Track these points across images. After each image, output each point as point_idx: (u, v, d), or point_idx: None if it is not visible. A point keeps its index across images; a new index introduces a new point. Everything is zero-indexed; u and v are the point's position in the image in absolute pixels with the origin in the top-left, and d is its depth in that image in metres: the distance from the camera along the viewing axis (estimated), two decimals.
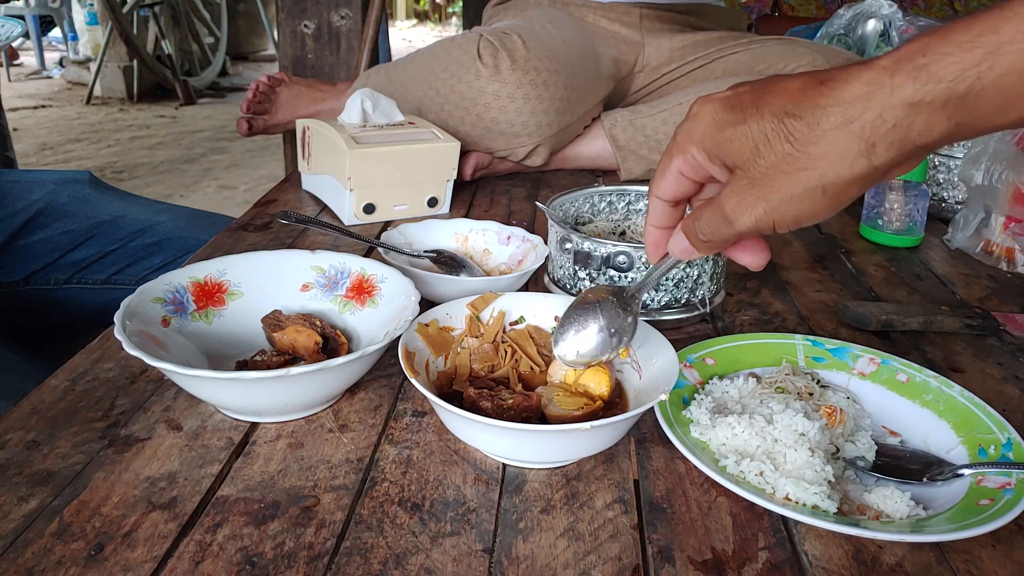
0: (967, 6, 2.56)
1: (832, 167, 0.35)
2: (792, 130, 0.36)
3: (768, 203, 0.38)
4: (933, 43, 0.33)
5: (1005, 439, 0.53)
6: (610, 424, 0.48)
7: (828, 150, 0.35)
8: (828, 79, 0.36)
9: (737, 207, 0.39)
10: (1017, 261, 0.94)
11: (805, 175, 0.36)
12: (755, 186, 0.38)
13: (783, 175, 0.37)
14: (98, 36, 4.79)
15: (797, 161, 0.36)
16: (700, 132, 0.40)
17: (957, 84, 0.32)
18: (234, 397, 0.54)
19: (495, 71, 1.07)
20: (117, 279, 1.00)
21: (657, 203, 0.46)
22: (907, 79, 0.33)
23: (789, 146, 0.36)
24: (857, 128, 0.34)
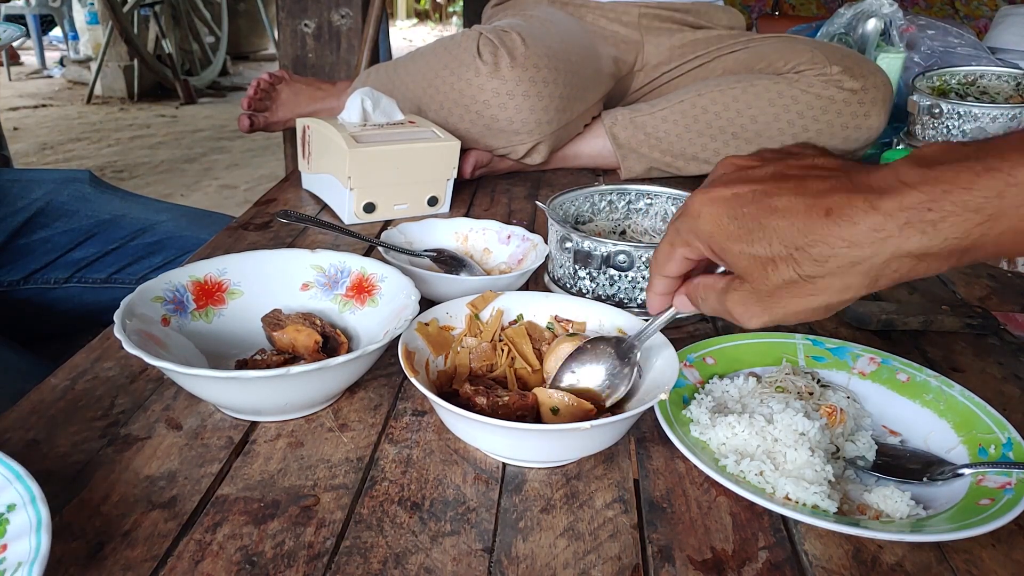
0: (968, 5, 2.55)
1: (837, 295, 0.38)
2: (801, 262, 0.38)
3: (771, 313, 0.41)
4: (937, 197, 0.34)
5: (1005, 439, 0.53)
6: (610, 424, 0.47)
7: (834, 283, 0.38)
8: (834, 211, 0.37)
9: (744, 314, 0.42)
10: (1017, 261, 0.93)
11: (811, 299, 0.39)
12: (761, 301, 0.41)
13: (790, 296, 0.39)
14: (99, 35, 4.79)
15: (804, 288, 0.39)
16: (706, 233, 0.42)
17: (962, 241, 0.34)
18: (234, 396, 0.54)
19: (495, 68, 1.07)
20: (117, 278, 1.00)
21: (660, 280, 0.49)
22: (915, 233, 0.35)
23: (797, 276, 0.38)
24: (864, 268, 0.37)
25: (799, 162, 0.41)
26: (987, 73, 1.31)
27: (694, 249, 0.44)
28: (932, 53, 1.50)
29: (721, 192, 0.41)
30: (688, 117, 1.18)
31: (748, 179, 0.41)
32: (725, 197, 0.41)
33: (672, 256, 0.46)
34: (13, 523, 0.40)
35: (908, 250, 0.35)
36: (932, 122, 1.23)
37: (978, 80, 1.32)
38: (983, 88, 1.31)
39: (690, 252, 0.45)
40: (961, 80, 1.32)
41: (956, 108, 1.18)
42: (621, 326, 0.61)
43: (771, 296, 0.40)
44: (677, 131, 1.18)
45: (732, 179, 0.42)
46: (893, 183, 0.36)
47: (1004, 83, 1.30)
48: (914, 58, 1.50)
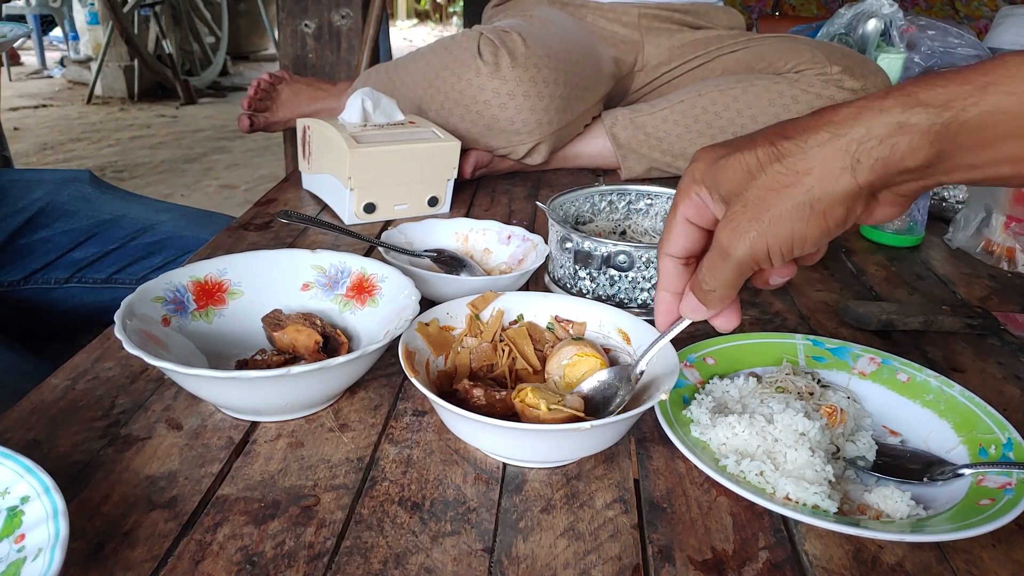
0: (968, 6, 2.55)
1: (819, 181, 0.37)
2: (782, 150, 0.37)
3: (760, 224, 0.38)
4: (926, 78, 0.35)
5: (1005, 439, 0.53)
6: (610, 424, 0.47)
7: (814, 165, 0.37)
8: (822, 109, 0.38)
9: (732, 234, 0.40)
10: (1018, 261, 0.93)
11: (793, 191, 0.37)
12: (747, 209, 0.39)
13: (772, 192, 0.38)
14: (99, 35, 4.79)
15: (785, 178, 0.37)
16: (700, 171, 0.42)
17: (943, 111, 0.34)
18: (234, 396, 0.54)
19: (495, 68, 1.07)
20: (117, 278, 1.00)
21: (668, 263, 0.46)
22: (895, 103, 0.35)
23: (779, 164, 0.37)
24: (843, 143, 0.36)
25: None
26: None
27: (691, 199, 0.43)
28: (932, 54, 1.50)
29: (715, 145, 0.43)
30: (688, 117, 1.18)
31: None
32: (722, 142, 0.42)
33: (673, 222, 0.44)
34: (29, 513, 0.41)
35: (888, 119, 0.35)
36: None
37: None
38: None
39: (688, 207, 0.43)
40: None
41: None
42: (621, 326, 0.61)
43: (756, 200, 0.38)
44: (677, 131, 1.18)
45: None
46: None
47: None
48: (914, 58, 1.50)
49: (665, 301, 0.48)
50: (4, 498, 0.42)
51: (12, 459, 0.44)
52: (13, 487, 0.42)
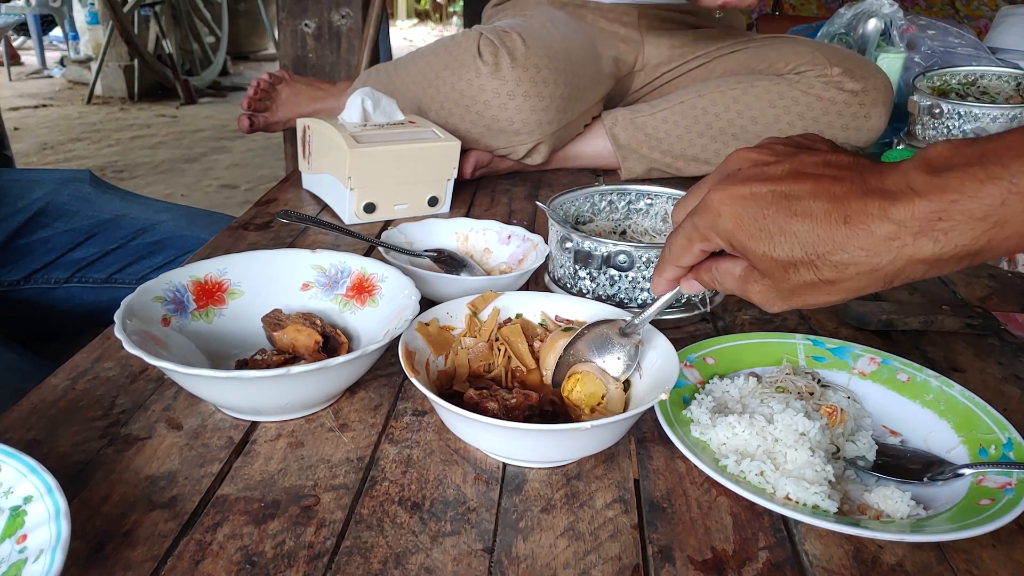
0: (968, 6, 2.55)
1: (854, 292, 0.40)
2: (821, 268, 0.40)
3: (792, 304, 0.43)
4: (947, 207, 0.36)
5: (1006, 439, 0.53)
6: (610, 424, 0.47)
7: (852, 285, 0.40)
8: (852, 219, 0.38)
9: (764, 303, 0.44)
10: (1018, 261, 0.93)
11: (829, 296, 0.41)
12: (781, 294, 0.42)
13: (809, 294, 0.41)
14: (99, 35, 4.79)
15: (823, 289, 0.41)
16: (727, 232, 0.43)
17: (971, 246, 0.36)
18: (234, 396, 0.54)
19: (495, 69, 1.07)
20: (117, 278, 1.00)
21: (675, 270, 0.49)
22: (928, 242, 0.37)
23: (817, 279, 0.40)
24: (880, 274, 0.39)
25: (812, 158, 0.42)
26: (987, 73, 1.31)
27: (712, 244, 0.45)
28: (932, 53, 1.50)
29: (740, 190, 0.42)
30: (688, 118, 1.18)
31: (765, 177, 0.42)
32: (744, 196, 0.42)
33: (690, 250, 0.46)
34: (31, 514, 0.41)
35: (921, 257, 0.37)
36: (932, 122, 1.23)
37: (978, 80, 1.32)
38: (983, 88, 1.31)
39: (708, 247, 0.46)
40: (961, 80, 1.32)
41: (956, 108, 1.18)
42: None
43: (792, 292, 0.42)
44: (678, 132, 1.18)
45: (749, 176, 0.42)
46: (904, 188, 0.37)
47: (1004, 83, 1.30)
48: (914, 58, 1.50)
49: (662, 285, 0.50)
50: (7, 497, 0.42)
51: (16, 458, 0.44)
52: (16, 487, 0.42)
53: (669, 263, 0.49)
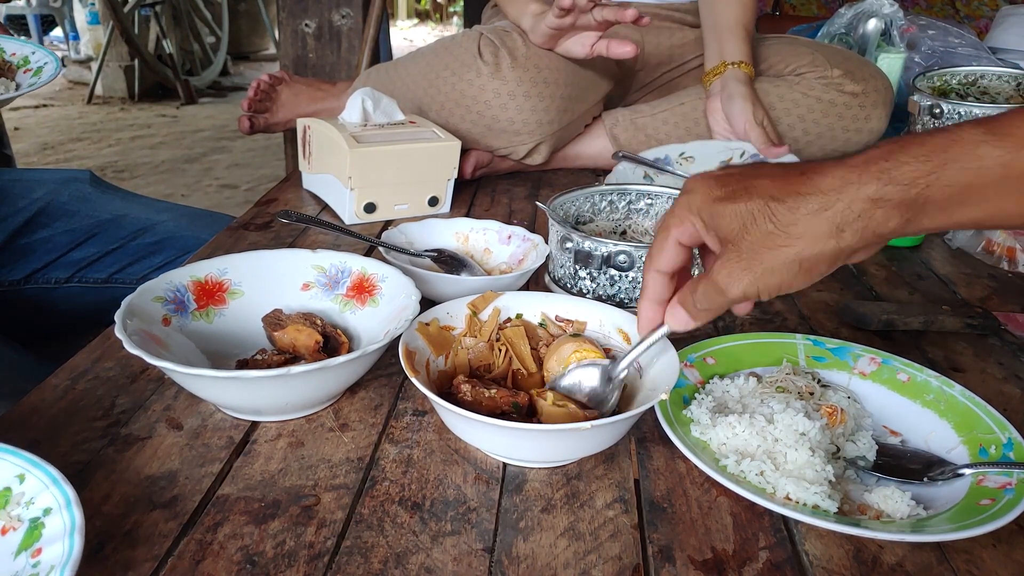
0: (968, 6, 2.55)
1: (807, 245, 0.42)
2: (775, 212, 0.42)
3: (753, 274, 0.43)
4: (895, 152, 0.40)
5: (1006, 439, 0.53)
6: (610, 424, 0.48)
7: (805, 231, 0.42)
8: (807, 170, 0.43)
9: (728, 278, 0.44)
10: (1018, 261, 0.93)
11: (785, 251, 0.42)
12: (742, 259, 0.44)
13: (766, 250, 0.43)
14: (99, 35, 4.79)
15: (778, 239, 0.42)
16: (698, 204, 0.46)
17: (911, 188, 0.39)
18: (235, 396, 0.54)
19: (496, 69, 1.07)
20: (118, 278, 1.00)
21: (655, 277, 0.50)
22: (871, 179, 0.40)
23: (772, 225, 0.42)
24: (829, 215, 0.41)
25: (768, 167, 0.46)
26: (988, 73, 1.31)
27: (686, 227, 0.47)
28: (933, 53, 1.50)
29: (713, 172, 0.47)
30: (689, 120, 1.17)
31: (734, 166, 0.47)
32: (714, 174, 0.46)
33: (665, 242, 0.49)
34: (49, 527, 0.40)
35: (865, 194, 0.40)
36: (933, 122, 1.23)
37: (979, 80, 1.32)
38: (984, 88, 1.31)
39: (682, 232, 0.47)
40: (962, 80, 1.32)
41: (957, 108, 1.18)
42: (621, 326, 0.61)
43: (751, 253, 0.43)
44: (678, 133, 1.18)
45: (712, 172, 0.47)
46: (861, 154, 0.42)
47: (1005, 83, 1.30)
48: (915, 58, 1.50)
49: (649, 310, 0.52)
50: (28, 508, 0.41)
51: (41, 468, 0.43)
52: (38, 497, 0.42)
53: (648, 271, 0.50)
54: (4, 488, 0.42)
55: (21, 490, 0.42)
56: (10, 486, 0.42)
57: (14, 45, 0.94)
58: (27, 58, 0.93)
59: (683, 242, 0.48)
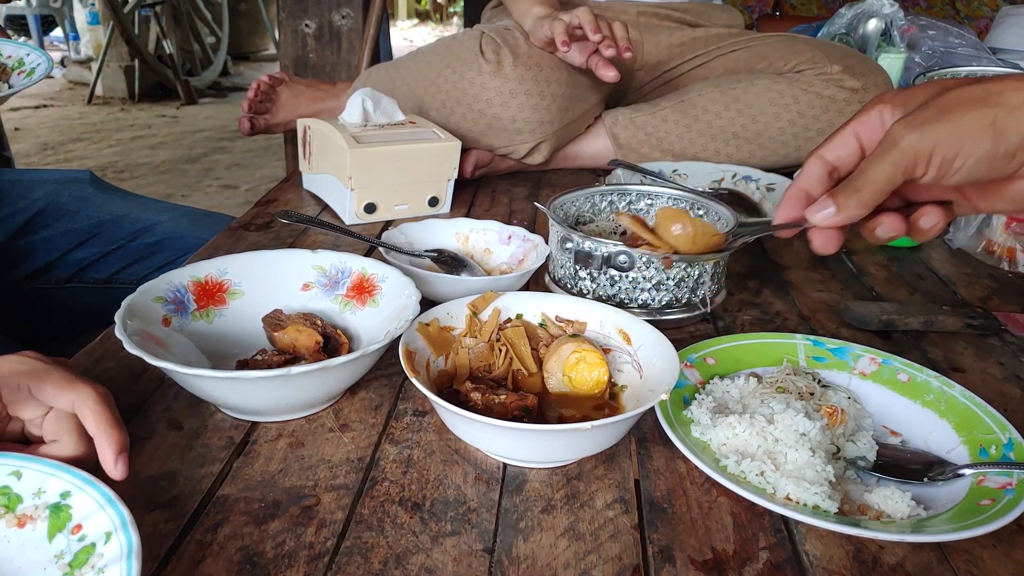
0: (968, 6, 2.55)
1: (1007, 103, 0.39)
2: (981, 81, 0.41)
3: (937, 123, 0.40)
4: None
5: (1006, 439, 0.53)
6: (611, 424, 0.47)
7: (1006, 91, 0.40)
8: None
9: (906, 125, 0.41)
10: (1018, 261, 0.93)
11: (982, 106, 0.40)
12: (931, 109, 0.41)
13: (963, 103, 0.40)
14: (99, 36, 4.79)
15: (978, 93, 0.40)
16: (889, 95, 0.44)
17: None
18: (235, 396, 0.54)
19: (497, 67, 1.07)
20: (118, 278, 1.00)
21: (815, 163, 0.46)
22: None
23: (976, 86, 0.40)
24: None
25: None
26: (988, 73, 1.31)
27: (870, 116, 0.44)
28: (933, 53, 1.50)
29: None
30: (689, 117, 1.18)
31: None
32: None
33: (843, 131, 0.45)
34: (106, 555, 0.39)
35: None
36: None
37: None
38: None
39: (863, 122, 0.45)
40: None
41: None
42: (621, 326, 0.61)
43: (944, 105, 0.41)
44: (678, 131, 1.18)
45: None
46: None
47: None
48: (915, 58, 1.50)
49: (795, 195, 0.47)
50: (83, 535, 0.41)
51: (94, 486, 0.42)
52: (93, 518, 0.41)
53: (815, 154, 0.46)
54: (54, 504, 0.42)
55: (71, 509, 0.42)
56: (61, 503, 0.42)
57: (10, 48, 0.94)
58: (22, 60, 0.93)
59: (860, 134, 0.45)
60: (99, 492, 0.42)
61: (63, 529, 0.41)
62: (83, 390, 0.46)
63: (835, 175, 0.46)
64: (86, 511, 0.41)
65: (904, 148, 0.41)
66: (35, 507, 0.42)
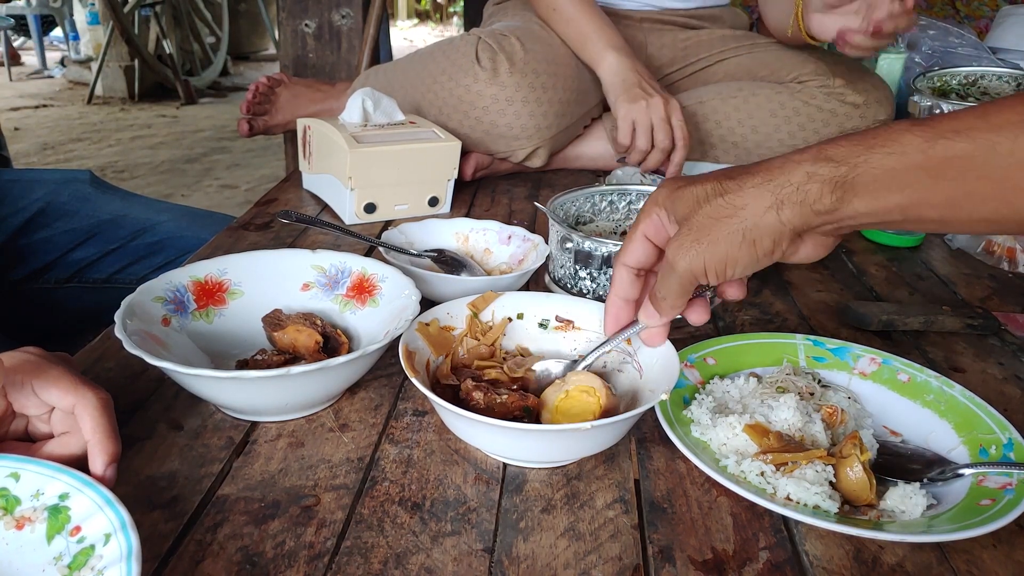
0: (968, 6, 2.55)
1: (751, 216, 0.44)
2: (725, 188, 0.46)
3: (699, 245, 0.46)
4: (836, 139, 0.44)
5: (1006, 439, 0.53)
6: (611, 424, 0.47)
7: (748, 202, 0.44)
8: (763, 160, 0.46)
9: (676, 251, 0.47)
10: (1018, 261, 0.93)
11: (730, 222, 0.45)
12: (692, 232, 0.46)
13: (713, 221, 0.45)
14: (99, 35, 4.79)
15: (725, 211, 0.45)
16: (662, 196, 0.49)
17: (840, 165, 0.42)
18: (235, 396, 0.54)
19: (493, 74, 1.07)
20: (118, 278, 1.00)
21: (623, 272, 0.53)
22: (807, 157, 0.44)
23: (721, 199, 0.45)
24: (771, 187, 0.44)
25: None
26: (988, 74, 1.31)
27: (652, 219, 0.50)
28: (933, 53, 1.50)
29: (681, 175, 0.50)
30: (689, 125, 1.17)
31: None
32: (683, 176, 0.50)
33: (633, 236, 0.51)
34: (105, 556, 0.39)
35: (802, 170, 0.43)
36: None
37: (979, 81, 1.32)
38: (984, 89, 1.31)
39: (648, 225, 0.50)
40: (962, 81, 1.32)
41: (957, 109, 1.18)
42: None
43: (700, 226, 0.46)
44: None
45: None
46: None
47: (1005, 84, 1.30)
48: (915, 58, 1.49)
49: (615, 306, 0.54)
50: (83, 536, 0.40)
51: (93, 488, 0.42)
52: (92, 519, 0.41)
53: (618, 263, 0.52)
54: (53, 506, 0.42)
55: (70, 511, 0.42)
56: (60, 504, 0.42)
57: None
58: None
59: (649, 236, 0.51)
60: (98, 494, 0.41)
61: (62, 531, 0.41)
62: (85, 395, 0.46)
63: (641, 275, 0.53)
64: (85, 513, 0.41)
65: (682, 271, 0.47)
66: (34, 509, 0.42)
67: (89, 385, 0.47)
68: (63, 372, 0.47)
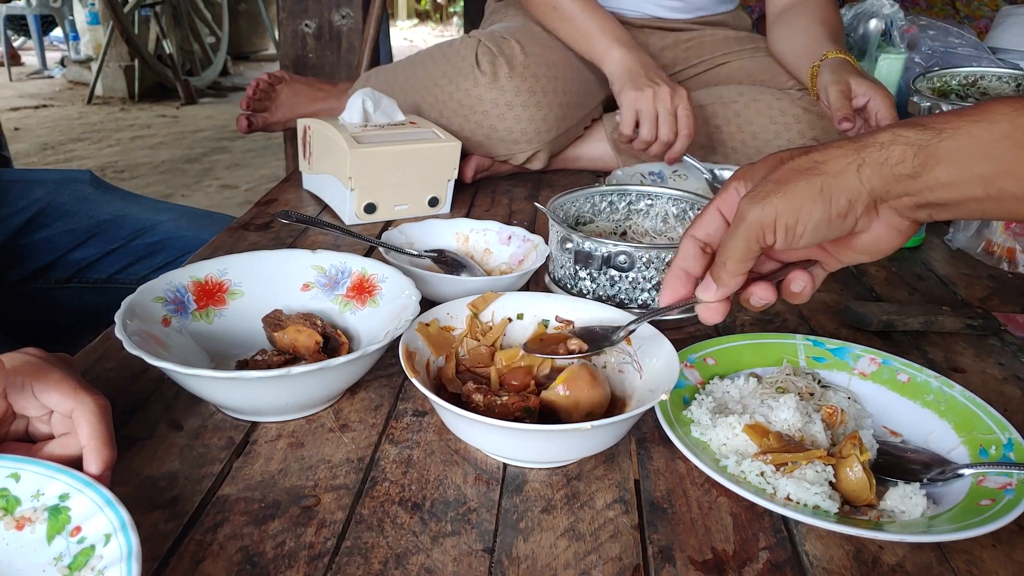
0: (968, 6, 2.55)
1: (830, 170, 0.44)
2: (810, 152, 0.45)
3: (775, 195, 0.44)
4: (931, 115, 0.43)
5: (1006, 439, 0.53)
6: (611, 424, 0.47)
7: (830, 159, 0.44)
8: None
9: (750, 200, 0.45)
10: (1018, 261, 0.93)
11: (810, 175, 0.44)
12: (769, 183, 0.45)
13: (794, 173, 0.44)
14: (99, 35, 4.79)
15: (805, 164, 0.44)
16: (744, 170, 0.49)
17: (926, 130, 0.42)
18: (235, 396, 0.54)
19: (493, 78, 1.07)
20: (118, 278, 1.00)
21: (689, 243, 0.50)
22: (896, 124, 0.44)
23: (804, 157, 0.45)
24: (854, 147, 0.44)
25: None
26: (987, 74, 1.31)
27: (729, 193, 0.49)
28: (933, 53, 1.50)
29: None
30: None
31: None
32: None
33: (707, 210, 0.50)
34: (106, 557, 0.39)
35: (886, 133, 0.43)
36: None
37: (979, 81, 1.32)
38: (984, 89, 1.31)
39: (723, 199, 0.49)
40: (961, 81, 1.32)
41: None
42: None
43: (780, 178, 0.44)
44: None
45: None
46: None
47: (1004, 84, 1.30)
48: (915, 59, 1.49)
49: (675, 276, 0.51)
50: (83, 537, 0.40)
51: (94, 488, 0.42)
52: (92, 519, 0.41)
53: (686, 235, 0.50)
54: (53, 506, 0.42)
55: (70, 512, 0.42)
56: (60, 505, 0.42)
57: None
58: None
59: (723, 210, 0.49)
60: (98, 494, 0.41)
61: (62, 531, 0.41)
62: (84, 400, 0.46)
63: (707, 250, 0.50)
64: (85, 513, 0.41)
65: (751, 221, 0.45)
66: (34, 509, 0.42)
67: (88, 390, 0.47)
68: (63, 376, 0.47)
